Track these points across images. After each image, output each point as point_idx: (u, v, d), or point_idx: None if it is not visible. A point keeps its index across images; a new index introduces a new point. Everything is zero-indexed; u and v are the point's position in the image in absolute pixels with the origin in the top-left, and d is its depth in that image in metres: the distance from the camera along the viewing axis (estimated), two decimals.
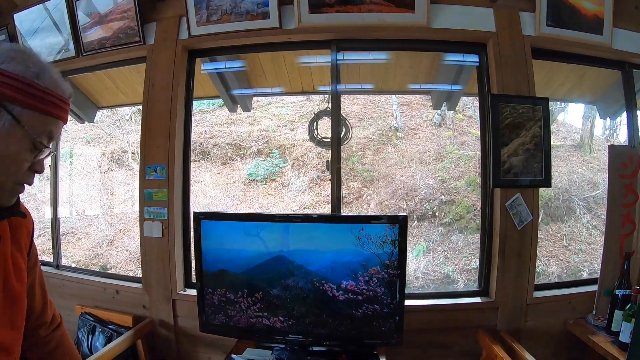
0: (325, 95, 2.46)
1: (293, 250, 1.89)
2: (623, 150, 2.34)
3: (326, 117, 2.31)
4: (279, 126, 8.15)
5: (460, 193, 6.96)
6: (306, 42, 2.20)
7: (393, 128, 8.08)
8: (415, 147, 7.74)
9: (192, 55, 2.37)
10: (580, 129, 8.39)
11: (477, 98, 2.33)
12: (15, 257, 0.90)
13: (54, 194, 2.92)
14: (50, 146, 0.85)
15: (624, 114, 2.61)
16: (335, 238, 1.87)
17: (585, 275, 6.11)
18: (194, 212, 2.00)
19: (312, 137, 2.41)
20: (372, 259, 1.84)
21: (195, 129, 7.71)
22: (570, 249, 6.43)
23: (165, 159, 2.25)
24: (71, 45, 2.61)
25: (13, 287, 0.87)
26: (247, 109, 3.50)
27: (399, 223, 1.82)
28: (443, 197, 6.91)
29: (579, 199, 6.98)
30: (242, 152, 7.94)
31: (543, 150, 2.19)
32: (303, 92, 3.27)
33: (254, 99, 3.55)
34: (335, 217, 1.96)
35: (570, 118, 9.32)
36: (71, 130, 7.73)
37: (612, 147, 2.32)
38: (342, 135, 2.22)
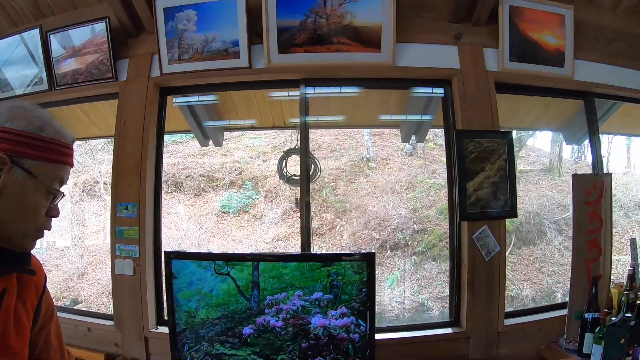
0: (295, 131, 2.50)
1: (264, 288, 1.91)
2: (586, 178, 2.42)
3: (295, 155, 2.34)
4: (252, 157, 8.21)
5: (432, 222, 7.11)
6: (275, 81, 2.24)
7: (365, 158, 8.24)
8: (387, 177, 7.90)
9: (164, 93, 2.39)
10: (549, 153, 8.66)
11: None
12: (19, 312, 0.91)
13: None
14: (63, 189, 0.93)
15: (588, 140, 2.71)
16: (305, 276, 1.90)
17: (559, 295, 6.25)
18: (165, 252, 2.00)
19: (282, 175, 2.44)
20: (342, 295, 1.86)
21: (168, 160, 7.69)
22: (544, 271, 6.60)
23: (136, 196, 2.24)
24: (44, 75, 2.58)
25: (10, 343, 0.87)
26: (218, 143, 3.51)
27: (368, 260, 1.86)
28: (415, 226, 7.06)
29: (550, 222, 7.20)
30: (214, 184, 7.97)
31: (508, 182, 2.25)
32: (274, 127, 3.31)
33: (226, 132, 3.58)
34: (305, 256, 1.98)
35: (539, 143, 9.63)
36: None
37: (575, 176, 2.40)
38: (311, 172, 2.25)
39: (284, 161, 2.48)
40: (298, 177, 2.20)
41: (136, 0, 2.28)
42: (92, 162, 8.13)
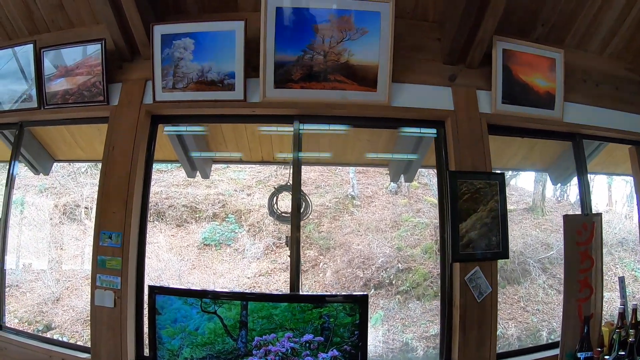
0: (282, 166, 2.47)
1: (252, 328, 1.84)
2: (577, 219, 2.44)
3: (286, 192, 2.31)
4: (236, 191, 8.13)
5: (417, 261, 7.12)
6: (269, 116, 2.23)
7: (350, 196, 8.25)
8: (372, 215, 7.92)
9: (156, 121, 2.35)
10: (532, 193, 8.79)
11: (435, 169, 2.40)
12: None
13: (2, 243, 2.71)
14: None
15: (575, 179, 2.75)
16: (296, 317, 1.84)
17: (544, 334, 6.24)
18: (149, 286, 1.93)
19: (272, 212, 2.40)
20: (333, 337, 1.81)
21: (152, 189, 7.55)
22: (528, 309, 6.61)
23: (121, 226, 2.17)
24: (34, 92, 2.51)
25: None
26: (205, 175, 3.46)
27: (360, 302, 1.82)
28: (400, 265, 7.05)
29: (534, 261, 7.25)
30: (197, 215, 7.87)
31: (500, 224, 2.25)
32: (263, 162, 3.29)
33: (214, 164, 3.53)
34: (298, 297, 1.93)
35: (522, 182, 9.75)
36: (24, 177, 7.42)
37: (566, 217, 2.42)
38: (302, 210, 2.22)
39: (275, 197, 2.45)
40: (288, 215, 2.17)
41: (134, 24, 2.25)
42: (75, 184, 7.91)
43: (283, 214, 2.40)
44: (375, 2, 2.11)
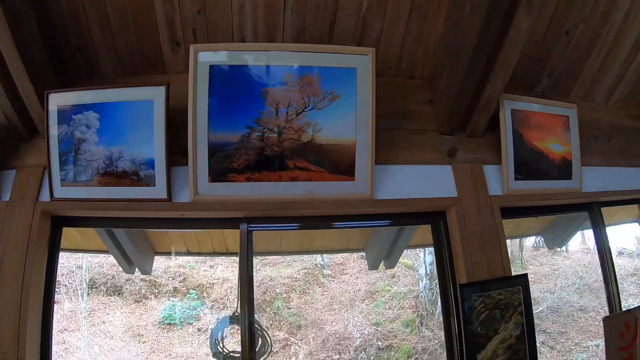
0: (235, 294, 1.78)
1: None
2: (618, 319, 1.92)
3: (236, 326, 1.63)
4: (197, 262, 7.31)
5: (398, 336, 6.43)
6: (205, 220, 1.57)
7: (319, 265, 7.59)
8: (344, 285, 7.26)
9: (57, 224, 1.65)
10: (510, 243, 8.39)
11: (423, 251, 1.82)
12: None
13: None
14: None
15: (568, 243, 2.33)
16: None
17: None
18: None
19: (216, 353, 1.70)
20: None
21: (108, 260, 6.58)
22: None
23: None
24: None
25: None
26: (145, 271, 2.72)
27: None
28: (380, 342, 6.32)
29: None
30: (157, 290, 7.00)
31: (527, 340, 1.67)
32: (214, 253, 2.62)
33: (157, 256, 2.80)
34: None
35: None
36: None
37: (606, 320, 1.91)
38: (257, 348, 1.55)
39: (220, 333, 1.74)
40: (239, 355, 1.49)
41: (25, 92, 1.62)
42: None
43: (231, 354, 1.70)
44: (350, 55, 1.55)
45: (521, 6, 1.50)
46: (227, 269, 6.96)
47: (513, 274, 1.72)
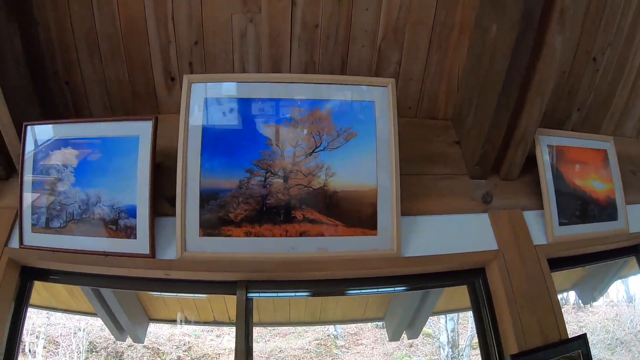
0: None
1: None
2: None
3: None
4: (203, 331, 6.92)
5: None
6: (194, 282, 1.30)
7: (332, 336, 7.21)
8: (359, 357, 6.78)
9: (28, 276, 1.39)
10: None
11: (444, 317, 1.53)
12: None
13: None
14: None
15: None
16: None
17: None
18: None
19: None
20: None
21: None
22: None
23: None
24: None
25: None
26: (138, 339, 2.40)
27: None
28: None
29: None
30: (160, 359, 6.58)
31: None
32: (215, 322, 2.31)
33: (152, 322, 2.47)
34: None
35: None
36: None
37: None
38: None
39: None
40: None
41: (4, 125, 1.45)
42: None
43: None
44: (367, 87, 1.34)
45: (553, 20, 1.32)
46: (234, 339, 6.47)
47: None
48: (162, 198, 1.32)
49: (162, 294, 1.93)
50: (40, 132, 1.46)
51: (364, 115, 1.33)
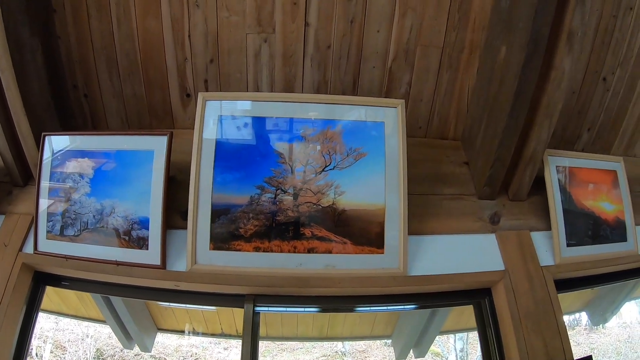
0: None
1: None
2: None
3: None
4: (211, 343, 6.78)
5: None
6: (203, 294, 1.32)
7: (340, 353, 7.06)
8: None
9: (40, 281, 1.44)
10: None
11: (453, 336, 1.52)
12: None
13: None
14: None
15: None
16: None
17: None
18: None
19: None
20: None
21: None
22: None
23: None
24: None
25: None
26: (145, 349, 2.44)
27: None
28: None
29: None
30: None
31: None
32: (223, 335, 2.33)
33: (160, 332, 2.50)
34: None
35: None
36: None
37: None
38: None
39: None
40: None
41: (23, 134, 1.50)
42: None
43: None
44: (377, 107, 1.37)
45: (561, 42, 1.33)
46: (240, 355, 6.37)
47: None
48: (175, 211, 1.36)
49: (171, 304, 1.95)
50: (58, 143, 1.52)
51: (374, 135, 1.36)
